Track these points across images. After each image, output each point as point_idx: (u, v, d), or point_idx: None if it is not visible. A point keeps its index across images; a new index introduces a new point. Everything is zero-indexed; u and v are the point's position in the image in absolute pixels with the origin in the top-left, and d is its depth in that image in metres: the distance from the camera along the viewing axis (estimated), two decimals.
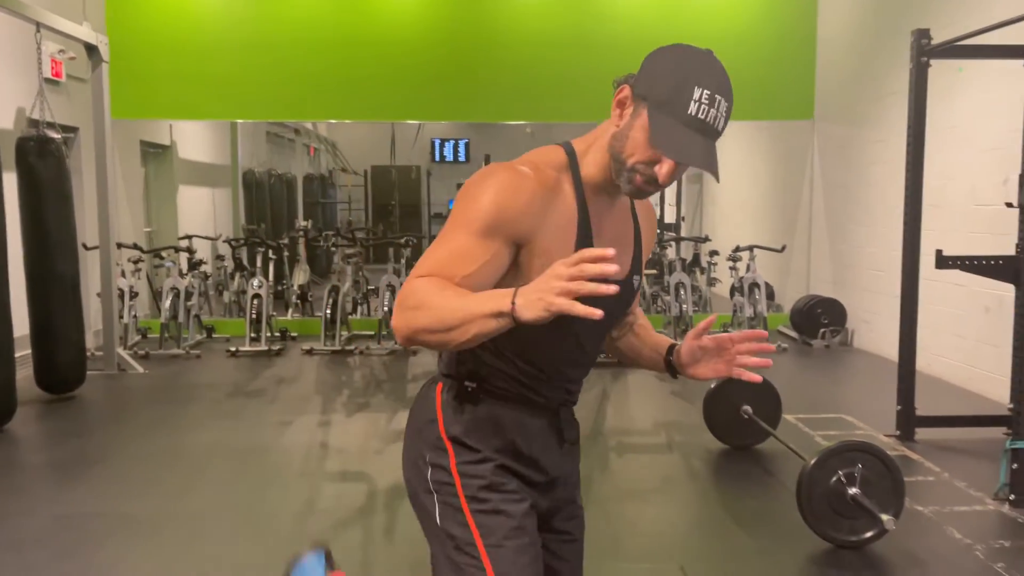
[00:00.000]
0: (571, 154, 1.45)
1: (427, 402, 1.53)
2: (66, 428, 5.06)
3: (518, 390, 1.48)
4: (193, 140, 10.41)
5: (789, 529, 3.36)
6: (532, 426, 1.50)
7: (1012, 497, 3.68)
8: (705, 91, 1.34)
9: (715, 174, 1.37)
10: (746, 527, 3.55)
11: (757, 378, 1.54)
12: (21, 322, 5.26)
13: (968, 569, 3.09)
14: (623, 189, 1.41)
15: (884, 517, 3.10)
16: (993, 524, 3.50)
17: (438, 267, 1.31)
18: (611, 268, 1.15)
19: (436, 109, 8.59)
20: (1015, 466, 3.67)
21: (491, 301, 1.22)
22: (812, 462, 3.24)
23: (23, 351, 5.51)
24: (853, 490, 3.20)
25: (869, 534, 3.21)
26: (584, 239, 1.42)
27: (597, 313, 1.15)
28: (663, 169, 1.36)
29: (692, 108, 1.33)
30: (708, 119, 1.35)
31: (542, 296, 1.17)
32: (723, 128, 1.38)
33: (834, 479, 3.22)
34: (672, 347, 1.63)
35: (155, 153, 9.50)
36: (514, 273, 1.39)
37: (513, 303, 1.19)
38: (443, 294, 1.26)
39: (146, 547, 3.29)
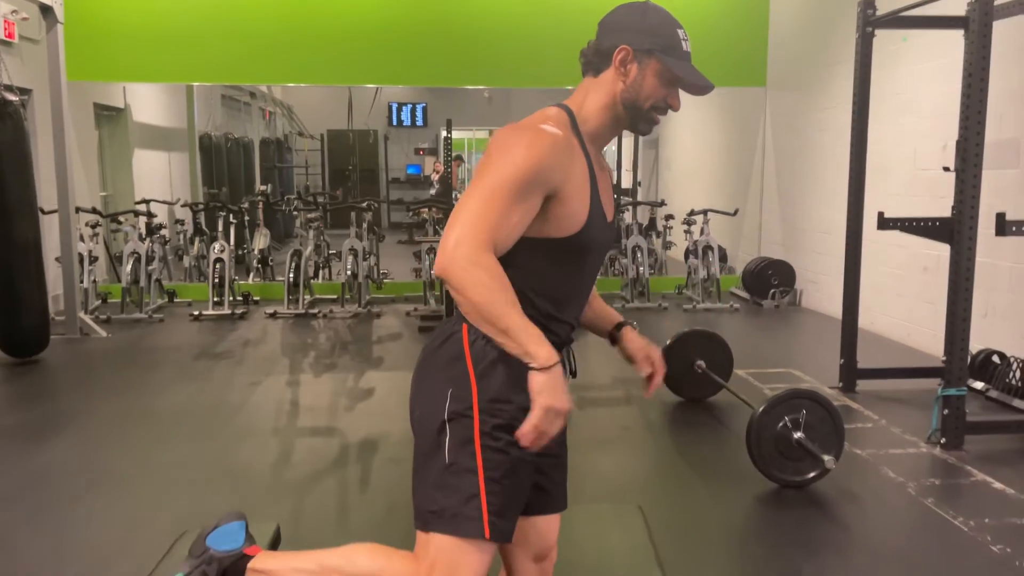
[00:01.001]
0: (571, 114, 1.65)
1: (452, 341, 1.65)
2: (33, 391, 5.10)
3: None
4: (148, 103, 10.25)
5: (739, 472, 3.60)
6: None
7: (943, 440, 3.97)
8: (680, 31, 1.65)
9: (710, 88, 1.70)
10: (699, 471, 3.79)
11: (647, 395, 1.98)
12: None
13: (900, 504, 3.37)
14: (641, 130, 1.70)
15: (825, 458, 3.35)
16: (925, 464, 3.79)
17: (493, 233, 1.49)
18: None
19: (394, 73, 8.59)
20: (946, 412, 3.97)
21: (540, 347, 1.48)
22: (760, 409, 3.48)
23: None
24: (798, 434, 3.45)
25: (812, 474, 3.47)
26: (593, 189, 1.63)
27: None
28: (674, 100, 1.69)
29: (684, 47, 1.67)
30: (689, 51, 1.69)
31: (564, 397, 1.50)
32: None
33: (780, 424, 3.46)
34: (620, 324, 1.96)
35: (109, 116, 9.35)
36: (541, 217, 1.58)
37: (549, 367, 1.48)
38: (507, 295, 1.48)
39: (122, 500, 3.40)
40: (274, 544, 2.18)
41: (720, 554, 2.96)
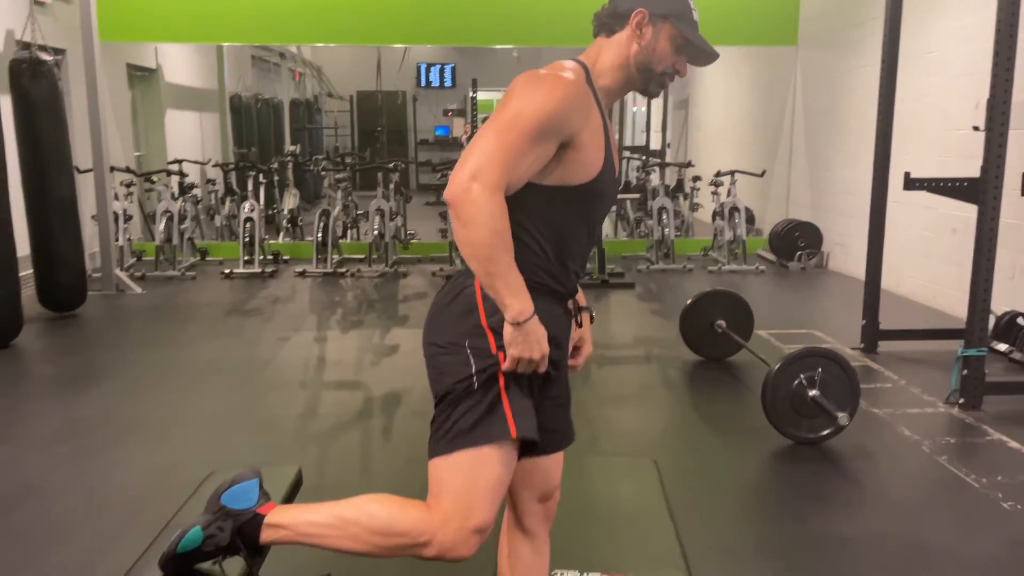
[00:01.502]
0: (587, 69, 1.70)
1: (464, 296, 1.70)
2: (72, 343, 5.29)
3: (545, 280, 1.70)
4: (179, 64, 10.35)
5: (754, 429, 3.65)
6: (555, 311, 1.73)
7: (961, 401, 3.99)
8: (691, 0, 1.74)
9: (715, 56, 1.74)
10: (715, 427, 3.85)
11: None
12: (22, 243, 5.41)
13: (913, 461, 3.41)
14: (651, 92, 1.76)
15: (839, 415, 3.39)
16: (941, 424, 3.81)
17: (507, 173, 1.55)
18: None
19: (422, 32, 8.58)
20: (965, 372, 3.97)
21: (516, 299, 1.58)
22: (776, 367, 3.52)
23: (25, 271, 5.68)
24: (813, 392, 3.49)
25: (826, 431, 3.51)
26: (606, 141, 1.69)
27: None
28: (682, 67, 1.75)
29: (694, 16, 1.73)
30: (697, 22, 1.74)
31: (538, 346, 1.61)
32: None
33: (796, 382, 3.50)
34: (581, 308, 1.89)
35: (141, 77, 9.47)
36: (554, 161, 1.63)
37: (521, 322, 1.58)
38: (505, 242, 1.56)
39: (155, 447, 3.56)
40: (295, 486, 2.28)
41: (731, 505, 3.03)
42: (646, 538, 2.73)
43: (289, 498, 2.18)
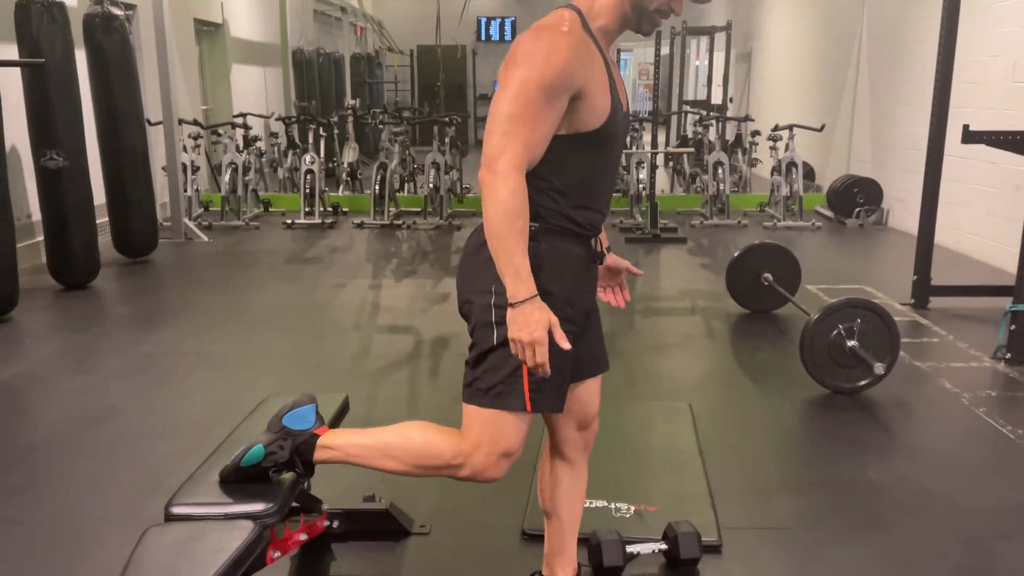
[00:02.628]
0: (581, 14, 1.74)
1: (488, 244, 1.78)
2: (144, 286, 5.61)
3: (566, 224, 1.78)
4: (244, 18, 10.59)
5: (793, 378, 3.71)
6: (576, 251, 1.82)
7: (1008, 356, 3.96)
8: None
9: None
10: (753, 376, 3.92)
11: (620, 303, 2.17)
12: (98, 192, 5.72)
13: (950, 412, 3.43)
14: (644, 30, 1.80)
15: (876, 364, 3.43)
16: (985, 377, 3.80)
17: (527, 147, 1.62)
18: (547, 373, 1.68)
19: None
20: (1013, 327, 3.94)
21: (514, 279, 1.62)
22: (815, 317, 3.56)
23: (101, 219, 6.01)
24: (851, 343, 3.52)
25: (863, 382, 3.55)
26: (611, 82, 1.74)
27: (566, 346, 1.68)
28: (679, 5, 1.75)
29: None
30: None
31: (530, 329, 1.62)
32: None
33: (835, 332, 3.54)
34: (603, 252, 2.01)
35: (208, 31, 9.73)
36: (569, 114, 1.69)
37: (516, 303, 1.62)
38: (515, 224, 1.62)
39: (219, 379, 3.81)
40: (342, 411, 2.46)
41: (762, 449, 3.12)
42: (675, 476, 2.86)
43: (336, 422, 2.37)
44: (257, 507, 1.77)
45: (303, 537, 2.16)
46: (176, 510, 1.76)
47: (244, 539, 1.64)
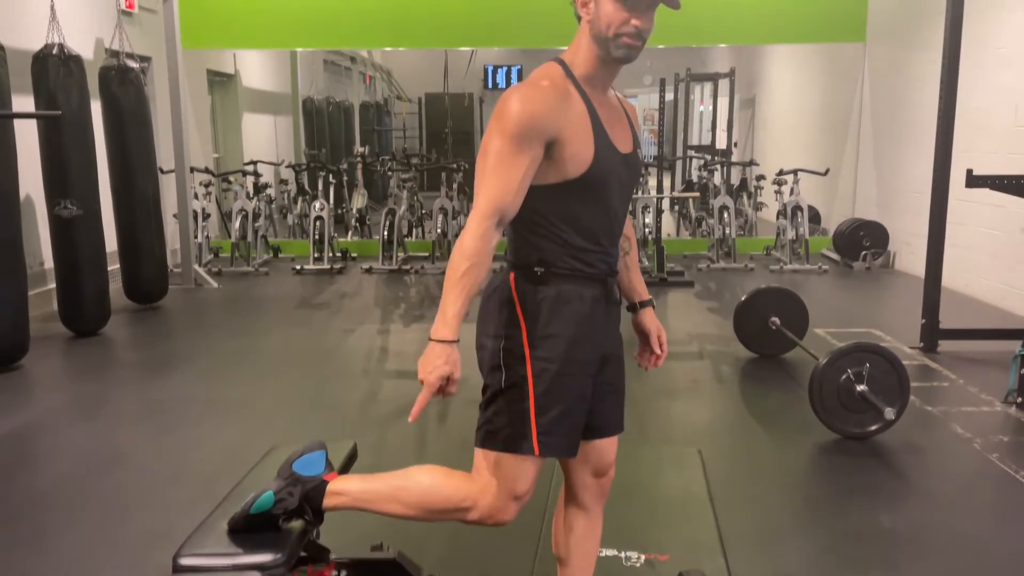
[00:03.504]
0: (564, 64, 1.79)
1: (502, 288, 1.84)
2: (154, 332, 5.64)
3: (574, 265, 1.80)
4: (255, 69, 10.80)
5: (803, 423, 3.69)
6: (588, 294, 1.83)
7: (1019, 400, 3.94)
8: None
9: (677, 3, 1.74)
10: (763, 421, 3.90)
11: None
12: (109, 239, 5.79)
13: (963, 457, 3.40)
14: (617, 56, 1.74)
15: (886, 410, 3.41)
16: (996, 422, 3.77)
17: (495, 197, 1.68)
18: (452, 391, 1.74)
19: (489, 36, 8.78)
20: (1023, 371, 3.92)
21: (441, 320, 1.72)
22: (823, 361, 3.55)
23: (112, 265, 6.07)
24: (861, 387, 3.51)
25: (874, 427, 3.52)
26: (596, 123, 1.76)
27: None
28: (637, 21, 1.71)
29: None
30: None
31: (429, 373, 1.71)
32: None
33: (843, 377, 3.53)
34: (645, 302, 2.10)
35: (220, 82, 9.92)
36: (547, 162, 1.73)
37: (431, 339, 1.73)
38: (460, 266, 1.69)
39: (231, 424, 3.82)
40: (351, 458, 2.45)
41: (773, 495, 3.09)
42: (686, 523, 2.83)
43: (344, 469, 2.35)
44: (265, 558, 1.77)
45: None
46: (184, 561, 1.76)
47: None
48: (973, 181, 4.43)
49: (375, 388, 4.38)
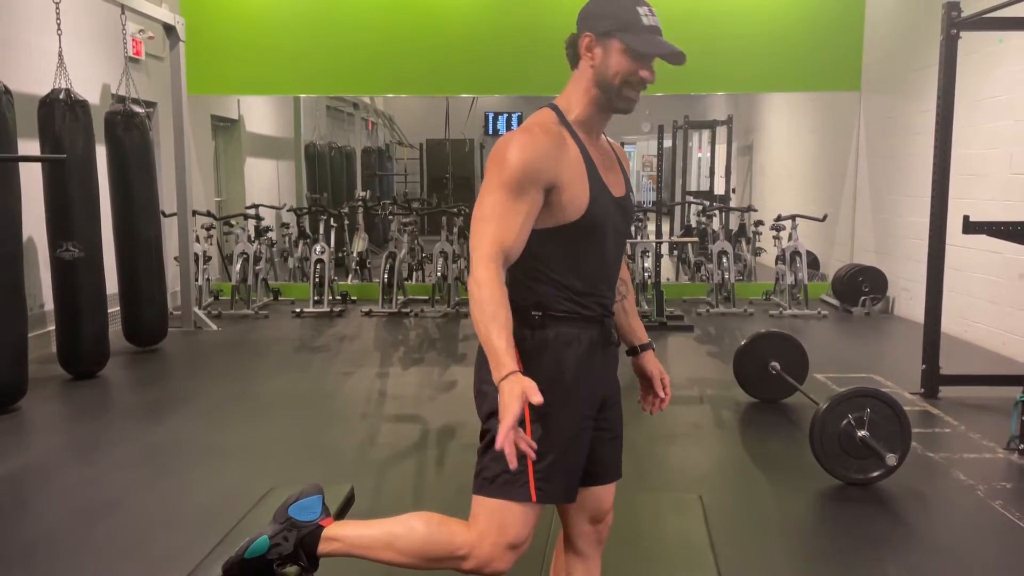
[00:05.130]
0: (557, 110, 1.83)
1: None
2: (153, 375, 5.63)
3: (571, 308, 1.81)
4: (259, 114, 10.95)
5: (804, 469, 3.66)
6: (585, 337, 1.83)
7: (1022, 447, 3.91)
8: (643, 7, 1.76)
9: (682, 56, 1.76)
10: (764, 467, 3.87)
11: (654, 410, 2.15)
12: (110, 282, 5.80)
13: (966, 505, 3.37)
14: (618, 107, 1.80)
15: (888, 456, 3.39)
16: (999, 469, 3.74)
17: (497, 240, 1.68)
18: (529, 454, 1.62)
19: (490, 83, 8.92)
20: None
21: (500, 361, 1.61)
22: (824, 406, 3.54)
23: (112, 308, 6.08)
24: (862, 432, 3.49)
25: (876, 473, 3.50)
26: (591, 168, 1.79)
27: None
28: (644, 72, 1.76)
29: (645, 21, 1.75)
30: (656, 24, 1.77)
31: (509, 408, 1.58)
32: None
33: (844, 422, 3.51)
34: (645, 345, 2.10)
35: (224, 127, 10.05)
36: (545, 208, 1.75)
37: (502, 380, 1.60)
38: (491, 307, 1.64)
39: (228, 468, 3.78)
40: (347, 502, 2.43)
41: (775, 542, 3.06)
42: (686, 571, 2.79)
43: (341, 514, 2.34)
44: None
45: None
46: None
47: None
48: (970, 227, 4.46)
49: (373, 432, 4.35)
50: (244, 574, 1.88)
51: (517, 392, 1.59)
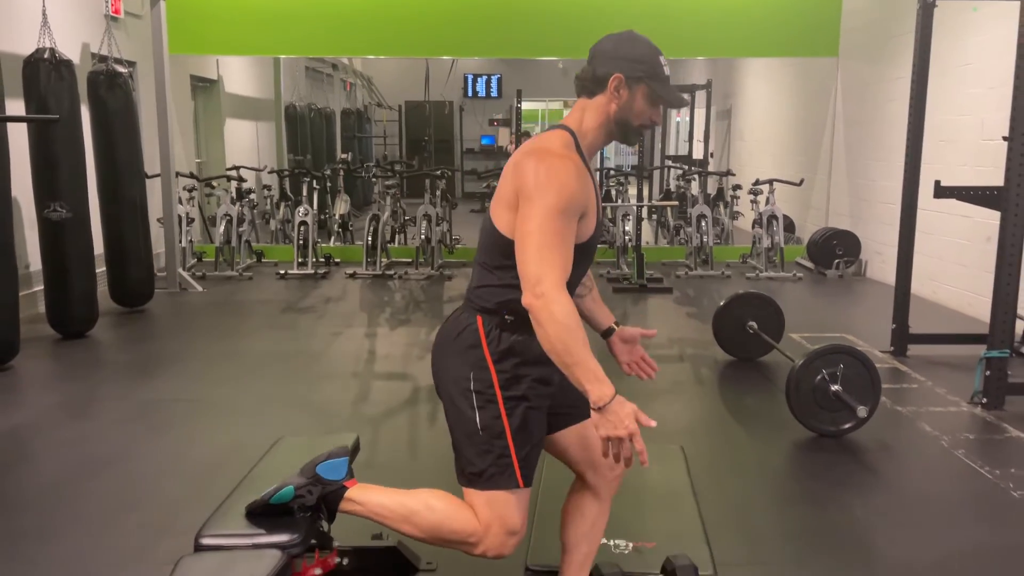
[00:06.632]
0: (573, 135, 1.92)
1: (468, 332, 1.94)
2: (143, 334, 5.69)
3: None
4: (238, 75, 10.84)
5: (780, 422, 3.85)
6: None
7: (984, 401, 4.12)
8: (662, 58, 1.92)
9: (687, 104, 1.93)
10: (741, 420, 4.05)
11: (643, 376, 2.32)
12: (96, 243, 5.81)
13: (930, 454, 3.57)
14: (631, 141, 2.02)
15: (859, 408, 3.57)
16: (962, 421, 3.96)
17: (564, 267, 1.77)
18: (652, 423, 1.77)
19: (469, 45, 8.91)
20: (988, 373, 4.11)
21: (596, 383, 1.71)
22: (800, 362, 3.71)
23: (98, 269, 6.10)
24: (835, 387, 3.67)
25: (847, 425, 3.69)
26: (597, 193, 1.92)
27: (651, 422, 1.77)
28: (658, 117, 1.95)
29: (665, 71, 1.92)
30: (669, 74, 1.93)
31: (624, 424, 1.71)
32: None
33: (818, 377, 3.69)
34: (612, 327, 2.25)
35: (203, 87, 9.96)
36: None
37: (602, 406, 1.71)
38: (576, 335, 1.72)
39: (223, 424, 3.90)
40: (353, 451, 2.56)
41: (752, 488, 3.23)
42: (670, 514, 2.96)
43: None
44: (283, 538, 1.87)
45: (318, 572, 2.24)
46: (206, 540, 1.85)
47: (273, 567, 1.73)
48: (941, 192, 4.62)
49: (365, 389, 4.47)
50: (266, 515, 2.01)
51: (630, 412, 1.72)
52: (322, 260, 8.30)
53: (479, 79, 16.45)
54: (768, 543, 2.78)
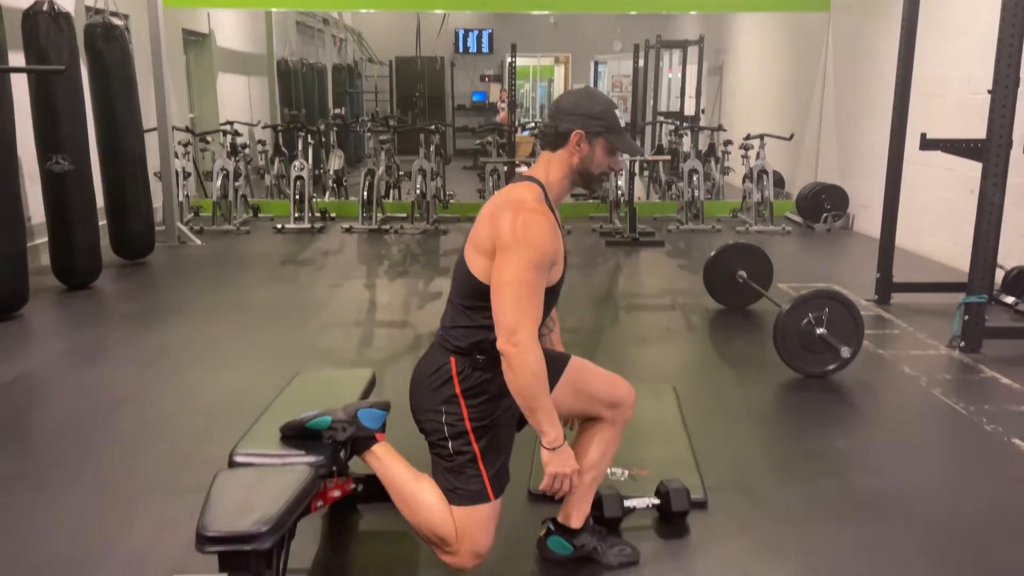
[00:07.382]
0: (542, 187, 2.10)
1: (443, 371, 2.13)
2: (146, 285, 5.81)
3: None
4: (229, 29, 10.79)
5: (767, 364, 4.03)
6: None
7: (962, 344, 4.31)
8: (617, 111, 2.12)
9: (642, 153, 2.12)
10: (731, 362, 4.23)
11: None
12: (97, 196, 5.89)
13: (909, 392, 3.77)
14: (593, 188, 2.20)
15: (843, 348, 3.75)
16: (941, 363, 4.15)
17: (537, 318, 1.96)
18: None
19: None
20: (966, 318, 4.29)
21: (552, 428, 1.98)
22: (787, 307, 3.88)
23: (100, 222, 6.18)
24: (820, 330, 3.85)
25: (832, 366, 3.87)
26: (564, 246, 2.09)
27: None
28: (617, 164, 2.15)
29: (622, 123, 2.11)
30: (623, 123, 2.13)
31: (569, 463, 2.01)
32: None
33: (804, 321, 3.86)
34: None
35: (195, 41, 9.92)
36: None
37: (556, 448, 1.98)
38: (543, 383, 1.96)
39: (231, 369, 4.04)
40: (371, 384, 2.72)
41: (740, 423, 3.42)
42: (663, 445, 3.15)
43: (366, 394, 2.62)
44: (311, 458, 2.03)
45: (337, 494, 2.41)
46: (239, 458, 2.01)
47: (305, 479, 1.89)
48: (926, 144, 4.75)
49: (368, 336, 4.62)
50: (298, 437, 2.18)
51: (571, 453, 2.03)
52: (318, 215, 8.39)
53: (470, 34, 16.35)
54: (756, 471, 2.97)
